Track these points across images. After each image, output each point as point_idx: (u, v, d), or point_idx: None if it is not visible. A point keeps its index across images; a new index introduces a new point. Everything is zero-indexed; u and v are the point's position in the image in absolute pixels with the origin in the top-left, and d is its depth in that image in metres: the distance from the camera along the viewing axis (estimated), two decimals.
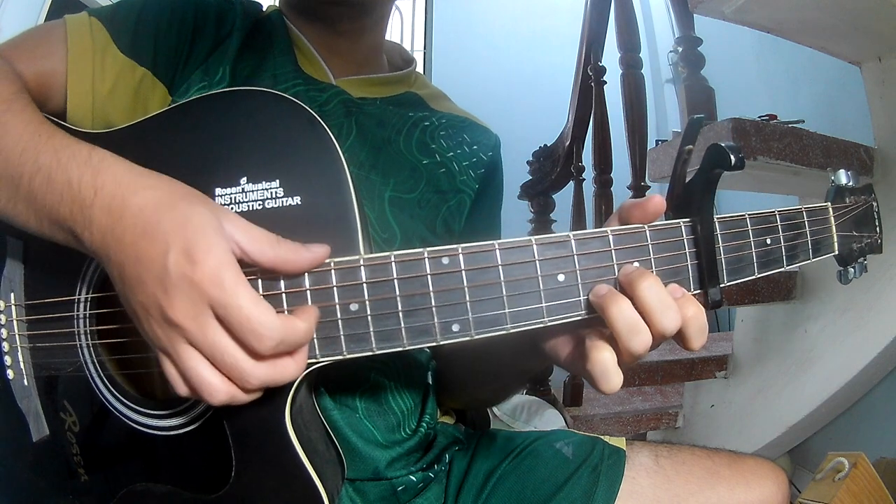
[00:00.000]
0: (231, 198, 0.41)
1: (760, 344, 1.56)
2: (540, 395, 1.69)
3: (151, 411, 0.46)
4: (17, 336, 0.51)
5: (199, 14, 0.60)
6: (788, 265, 0.45)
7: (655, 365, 1.54)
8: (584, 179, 1.84)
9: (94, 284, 0.48)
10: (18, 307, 0.51)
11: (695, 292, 0.41)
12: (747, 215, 0.43)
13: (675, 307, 0.38)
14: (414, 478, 0.61)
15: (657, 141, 1.62)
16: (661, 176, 1.34)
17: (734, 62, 2.33)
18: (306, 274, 0.38)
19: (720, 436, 1.59)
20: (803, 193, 1.45)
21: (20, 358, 0.51)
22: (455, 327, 0.38)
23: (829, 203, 0.48)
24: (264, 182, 0.41)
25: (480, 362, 0.63)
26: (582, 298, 0.39)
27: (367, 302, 0.38)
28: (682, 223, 0.41)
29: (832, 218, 0.48)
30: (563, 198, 1.93)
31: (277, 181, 0.41)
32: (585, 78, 1.73)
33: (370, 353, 0.39)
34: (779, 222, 0.44)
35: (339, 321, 0.38)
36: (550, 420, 1.62)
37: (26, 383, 0.51)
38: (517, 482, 0.60)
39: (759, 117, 1.44)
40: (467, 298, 0.38)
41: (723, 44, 2.01)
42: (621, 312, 0.37)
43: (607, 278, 0.40)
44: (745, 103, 1.80)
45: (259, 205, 0.40)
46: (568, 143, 1.81)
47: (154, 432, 0.46)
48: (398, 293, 0.38)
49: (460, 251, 0.38)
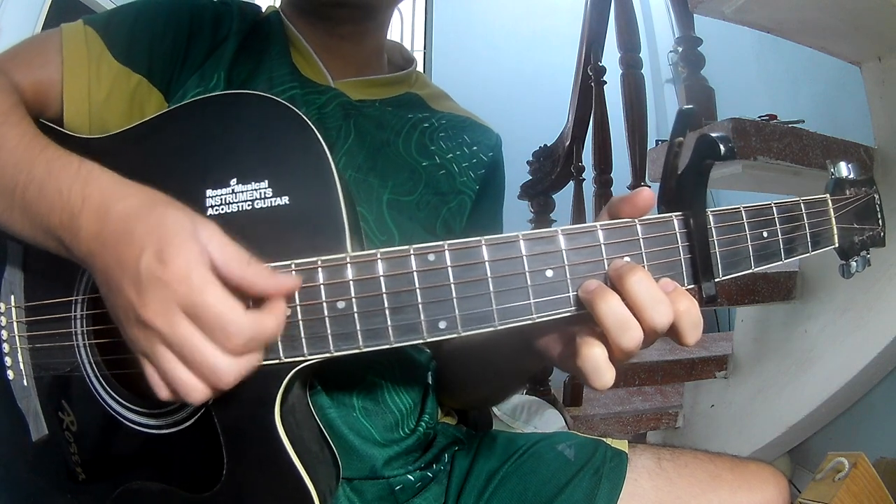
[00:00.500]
0: (221, 198, 0.42)
1: (760, 344, 1.56)
2: (540, 395, 1.69)
3: (146, 410, 0.47)
4: (18, 337, 0.51)
5: (195, 19, 0.60)
6: (787, 258, 0.44)
7: (655, 365, 1.54)
8: (584, 179, 1.84)
9: (91, 285, 0.48)
10: (18, 309, 0.51)
11: (688, 287, 0.40)
12: (742, 208, 0.42)
13: (667, 301, 0.37)
14: (412, 477, 0.61)
15: (657, 141, 1.62)
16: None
17: (734, 62, 2.32)
18: (293, 272, 0.39)
19: (720, 436, 1.59)
20: (803, 193, 1.42)
21: (20, 359, 0.51)
22: (442, 324, 0.38)
23: (828, 195, 0.47)
24: (253, 183, 0.41)
25: (479, 362, 0.63)
26: (571, 294, 0.39)
27: (354, 299, 0.38)
28: (675, 216, 0.40)
29: (831, 210, 0.47)
30: (563, 198, 1.93)
31: (266, 182, 0.41)
32: (585, 78, 1.73)
33: (357, 351, 0.39)
34: (776, 215, 0.43)
35: (327, 319, 0.39)
36: (550, 420, 1.62)
37: (26, 383, 0.51)
38: (519, 484, 0.60)
39: (759, 117, 1.44)
40: (454, 295, 0.38)
41: (723, 44, 2.01)
42: (610, 308, 0.36)
43: (597, 273, 0.39)
44: (745, 103, 1.80)
45: (248, 205, 0.41)
46: (568, 143, 1.81)
47: (148, 431, 0.46)
48: (384, 290, 0.38)
49: (446, 247, 0.38)
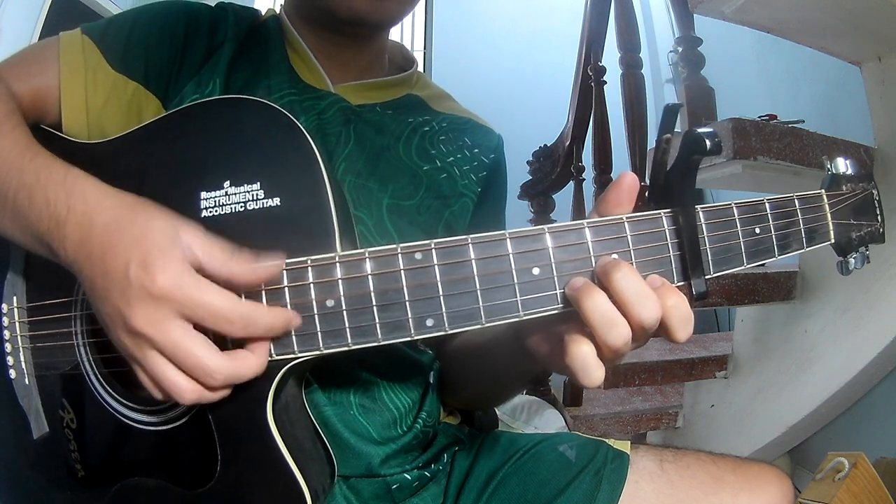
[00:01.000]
0: (215, 200, 0.42)
1: (760, 344, 1.56)
2: (540, 395, 1.69)
3: (143, 407, 0.47)
4: (19, 337, 0.52)
5: (191, 25, 0.60)
6: (780, 255, 0.43)
7: (655, 365, 1.54)
8: (584, 179, 1.84)
9: None
10: (20, 310, 0.52)
11: (678, 284, 0.40)
12: (734, 204, 0.42)
13: (654, 297, 0.36)
14: (409, 476, 0.61)
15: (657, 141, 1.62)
16: None
17: (734, 62, 2.32)
18: (284, 271, 0.39)
19: (720, 436, 1.59)
20: None
21: (22, 358, 0.52)
22: (429, 322, 0.39)
23: (824, 190, 0.46)
24: (246, 185, 0.42)
25: (478, 363, 0.63)
26: (558, 292, 0.39)
27: (343, 298, 0.39)
28: (663, 213, 0.40)
29: (826, 206, 0.46)
30: (563, 198, 1.93)
31: (258, 184, 0.42)
32: (585, 78, 1.73)
33: (346, 349, 0.39)
34: (768, 210, 0.43)
35: (316, 317, 0.39)
36: (550, 420, 1.62)
37: (27, 382, 0.52)
38: (519, 484, 0.60)
39: (759, 117, 1.44)
40: (441, 293, 0.38)
41: (723, 44, 2.01)
42: (596, 305, 0.36)
43: (584, 271, 0.39)
44: (745, 103, 1.80)
45: (241, 206, 0.42)
46: (568, 143, 1.82)
47: (145, 428, 0.47)
48: (372, 289, 0.39)
49: (433, 246, 0.39)
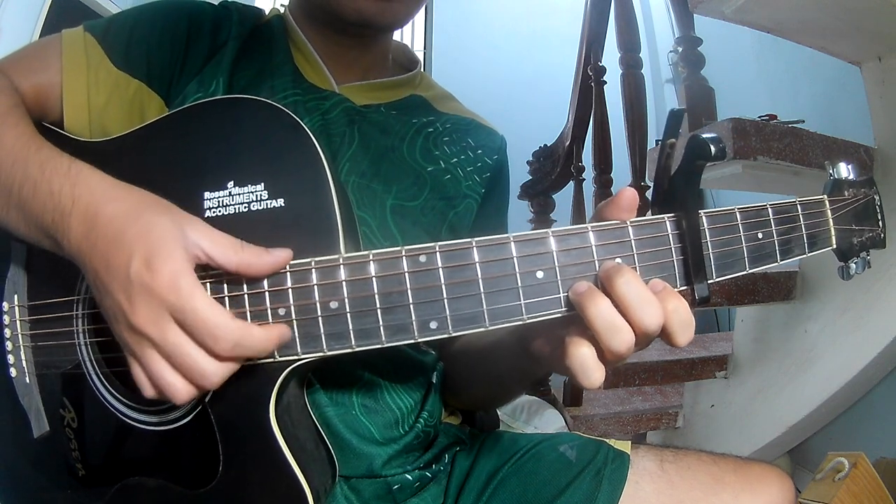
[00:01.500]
0: (219, 201, 0.42)
1: (760, 344, 1.56)
2: (540, 395, 1.69)
3: (144, 406, 0.47)
4: (20, 336, 0.51)
5: (193, 24, 0.60)
6: (783, 260, 0.43)
7: (655, 365, 1.54)
8: (584, 179, 1.84)
9: None
10: (21, 308, 0.52)
11: (681, 288, 0.40)
12: (737, 209, 0.42)
13: (655, 302, 0.36)
14: (410, 476, 0.61)
15: (657, 141, 1.62)
16: None
17: (734, 62, 2.32)
18: (288, 273, 0.39)
19: (720, 436, 1.59)
20: (804, 193, 1.42)
21: (22, 356, 0.52)
22: (433, 324, 0.39)
23: (826, 196, 0.47)
24: (250, 185, 0.42)
25: (481, 364, 0.63)
26: (562, 296, 0.39)
27: (347, 299, 0.39)
28: (667, 218, 0.40)
29: (829, 211, 0.46)
30: (563, 198, 1.93)
31: (262, 184, 0.42)
32: (585, 78, 1.73)
33: (350, 351, 0.39)
34: (771, 216, 0.43)
35: (320, 318, 0.39)
36: (550, 420, 1.62)
37: (28, 381, 0.52)
38: (519, 485, 0.60)
39: (759, 117, 1.44)
40: (445, 296, 0.38)
41: (723, 44, 2.01)
42: (599, 311, 0.36)
43: (588, 275, 0.39)
44: (745, 103, 1.80)
45: (245, 207, 0.42)
46: (568, 143, 1.82)
47: (146, 427, 0.47)
48: (376, 291, 0.39)
49: (437, 249, 0.39)
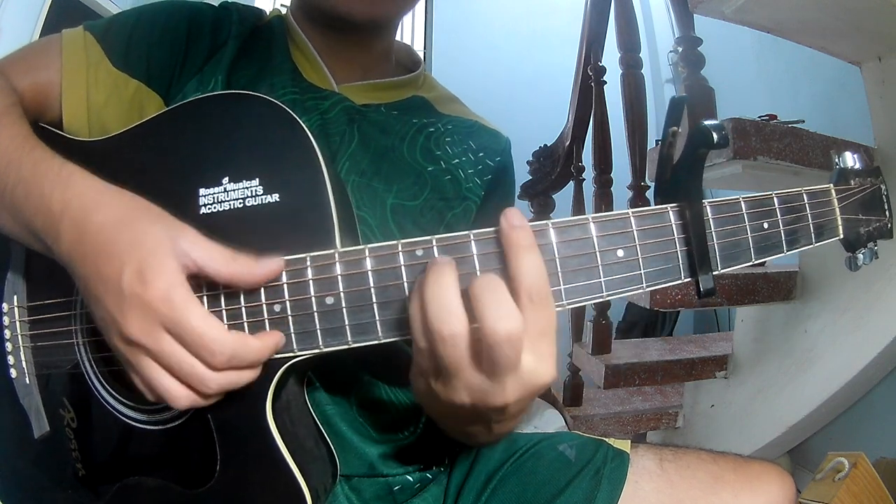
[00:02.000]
0: (214, 197, 0.42)
1: (760, 344, 1.56)
2: (540, 396, 1.69)
3: (142, 406, 0.47)
4: (20, 336, 0.51)
5: (193, 24, 0.60)
6: (789, 250, 0.43)
7: (655, 365, 1.54)
8: (584, 179, 1.84)
9: None
10: (21, 309, 0.51)
11: (685, 280, 0.40)
12: (742, 199, 0.41)
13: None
14: (410, 478, 0.61)
15: (657, 141, 1.62)
16: None
17: (734, 62, 2.33)
18: (283, 268, 0.39)
19: (720, 436, 1.59)
20: None
21: (22, 357, 0.51)
22: None
23: (832, 185, 0.46)
24: (245, 181, 0.41)
25: None
26: (561, 288, 0.38)
27: (343, 294, 0.38)
28: (670, 208, 0.39)
29: (835, 200, 0.45)
30: (563, 198, 1.93)
31: (257, 180, 0.41)
32: (585, 78, 1.73)
33: (346, 347, 0.39)
34: (777, 205, 0.42)
35: (316, 314, 0.39)
36: (550, 420, 1.62)
37: (28, 381, 0.52)
38: (518, 484, 0.60)
39: (759, 117, 1.44)
40: None
41: (723, 44, 2.01)
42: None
43: (589, 266, 0.38)
44: (745, 103, 1.80)
45: (240, 203, 0.41)
46: (568, 143, 1.82)
47: (145, 427, 0.46)
48: (372, 285, 0.38)
49: (434, 242, 0.38)
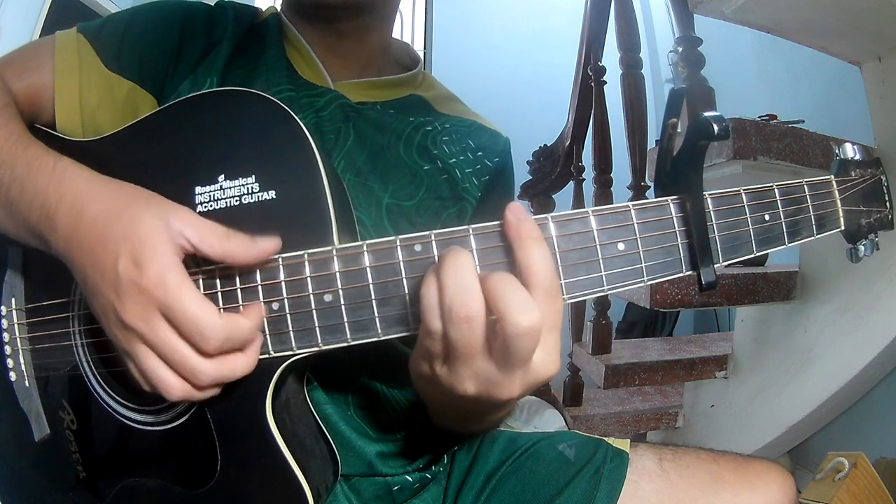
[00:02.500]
0: (210, 195, 0.42)
1: (760, 344, 1.56)
2: (540, 395, 1.69)
3: (142, 407, 0.47)
4: (19, 339, 0.51)
5: (187, 23, 0.60)
6: (791, 242, 0.42)
7: (655, 365, 1.54)
8: (584, 179, 1.84)
9: None
10: (19, 311, 0.51)
11: (687, 273, 0.39)
12: (742, 190, 0.41)
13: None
14: (410, 478, 0.60)
15: (657, 141, 1.61)
16: None
17: (734, 62, 2.33)
18: (280, 266, 0.39)
19: (720, 436, 1.59)
20: None
21: (21, 360, 0.51)
22: None
23: (833, 175, 0.45)
24: (241, 178, 0.41)
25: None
26: (563, 282, 0.38)
27: (341, 291, 0.38)
28: (670, 200, 0.39)
29: (836, 191, 0.45)
30: (563, 198, 1.93)
31: (253, 177, 0.41)
32: (585, 78, 1.74)
33: (346, 345, 0.39)
34: (778, 197, 0.42)
35: (314, 312, 0.39)
36: (550, 420, 1.63)
37: (27, 384, 0.51)
38: (517, 484, 0.60)
39: (759, 117, 1.44)
40: None
41: (723, 44, 2.01)
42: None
43: (590, 260, 0.38)
44: (745, 103, 1.80)
45: (236, 201, 0.41)
46: (568, 143, 1.82)
47: (145, 428, 0.46)
48: (371, 281, 0.38)
49: (433, 238, 0.38)
